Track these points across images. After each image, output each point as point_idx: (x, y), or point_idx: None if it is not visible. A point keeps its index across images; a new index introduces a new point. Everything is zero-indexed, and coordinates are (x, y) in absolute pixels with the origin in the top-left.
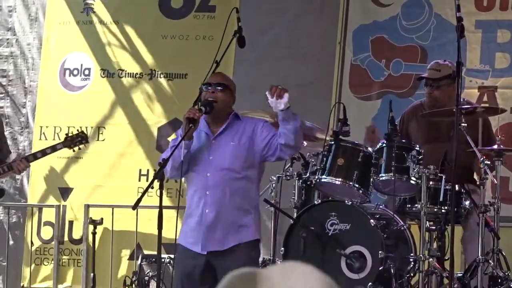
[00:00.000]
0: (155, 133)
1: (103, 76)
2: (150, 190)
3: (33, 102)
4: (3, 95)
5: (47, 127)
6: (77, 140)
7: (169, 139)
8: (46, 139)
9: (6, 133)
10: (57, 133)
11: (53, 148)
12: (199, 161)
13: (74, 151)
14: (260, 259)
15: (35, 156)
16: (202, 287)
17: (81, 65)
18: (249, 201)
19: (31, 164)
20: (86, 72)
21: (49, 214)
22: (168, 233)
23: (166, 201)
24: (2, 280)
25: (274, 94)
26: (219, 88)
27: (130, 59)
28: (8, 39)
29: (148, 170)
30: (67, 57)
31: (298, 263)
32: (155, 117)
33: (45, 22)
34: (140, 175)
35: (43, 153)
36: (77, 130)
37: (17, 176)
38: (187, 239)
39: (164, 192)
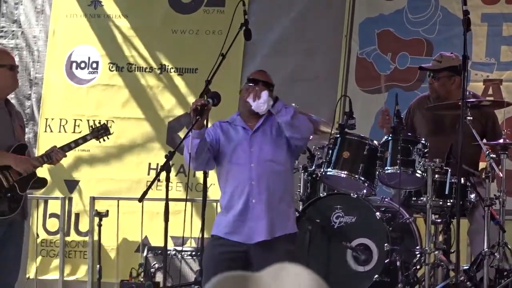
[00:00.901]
0: (166, 127)
1: (112, 69)
2: (160, 183)
3: (38, 94)
4: None
5: (52, 119)
6: (102, 132)
7: (180, 133)
8: (51, 131)
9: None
10: (63, 126)
11: (84, 139)
12: (240, 154)
13: (100, 142)
14: None
15: (70, 147)
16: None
17: (89, 58)
18: (289, 193)
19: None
20: (94, 65)
21: (55, 206)
22: (176, 226)
23: (177, 195)
24: None
25: (252, 97)
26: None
27: (140, 53)
28: (13, 31)
29: (157, 164)
30: (73, 50)
31: (288, 264)
32: (165, 111)
33: (51, 14)
34: (150, 169)
35: (76, 143)
36: (99, 123)
37: None
38: (224, 229)
39: (174, 186)
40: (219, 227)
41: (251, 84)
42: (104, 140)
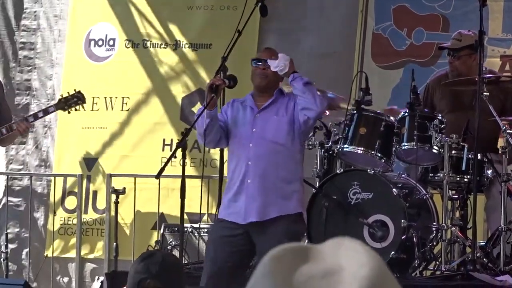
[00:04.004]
0: (180, 103)
1: (128, 46)
2: (174, 159)
3: (60, 74)
4: (30, 67)
5: None
6: (72, 101)
7: (193, 109)
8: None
9: (33, 105)
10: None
11: (45, 111)
12: (242, 134)
13: (69, 112)
14: None
15: (36, 116)
16: (232, 254)
17: (106, 35)
18: (292, 174)
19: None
20: (111, 42)
21: (73, 184)
22: (192, 203)
23: (190, 171)
24: (26, 250)
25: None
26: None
27: (155, 29)
28: (35, 11)
29: (172, 140)
30: (92, 28)
31: (346, 238)
32: (179, 87)
33: None
34: (164, 145)
35: (35, 116)
36: (74, 90)
37: (43, 148)
38: (226, 210)
39: (188, 162)
40: (221, 208)
41: (259, 63)
42: (76, 110)
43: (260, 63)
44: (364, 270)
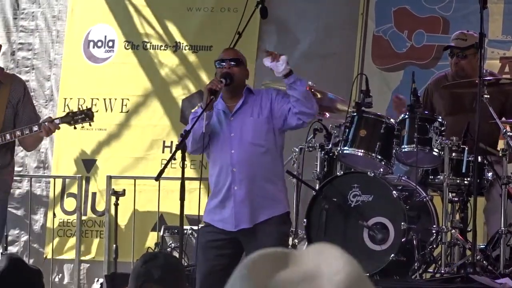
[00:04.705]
0: (180, 105)
1: (127, 48)
2: (174, 161)
3: (58, 75)
4: (28, 68)
5: (71, 99)
6: (79, 118)
7: (194, 111)
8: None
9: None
10: (81, 105)
11: (40, 126)
12: (221, 139)
13: (75, 128)
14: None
15: (40, 126)
16: (220, 258)
17: (105, 36)
18: (276, 174)
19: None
20: (110, 44)
21: (72, 186)
22: (191, 204)
23: (190, 173)
24: (25, 252)
25: (273, 58)
26: (233, 63)
27: (155, 31)
28: (33, 12)
29: (172, 142)
30: (91, 29)
31: (326, 245)
32: (179, 89)
33: None
34: (164, 146)
35: (39, 126)
36: (86, 107)
37: (41, 149)
38: (213, 216)
39: (188, 164)
40: (207, 213)
41: (223, 64)
42: (82, 127)
43: (224, 63)
44: (341, 275)
